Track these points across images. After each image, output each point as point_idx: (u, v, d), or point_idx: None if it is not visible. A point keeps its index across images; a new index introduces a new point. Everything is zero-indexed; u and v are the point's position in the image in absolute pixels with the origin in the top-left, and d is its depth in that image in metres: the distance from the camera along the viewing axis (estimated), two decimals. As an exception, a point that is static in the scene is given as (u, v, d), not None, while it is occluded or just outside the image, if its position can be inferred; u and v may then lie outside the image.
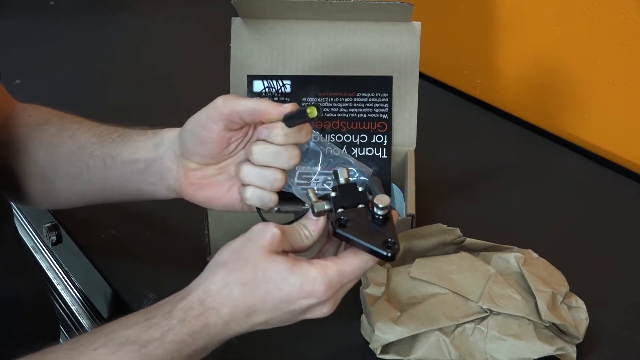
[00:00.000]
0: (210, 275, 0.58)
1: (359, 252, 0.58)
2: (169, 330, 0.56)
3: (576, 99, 1.17)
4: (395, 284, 0.78)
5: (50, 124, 0.77)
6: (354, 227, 0.58)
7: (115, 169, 0.72)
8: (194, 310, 0.56)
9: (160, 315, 0.57)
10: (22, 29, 1.61)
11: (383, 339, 0.72)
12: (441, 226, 0.80)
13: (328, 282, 0.57)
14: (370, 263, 0.59)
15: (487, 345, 0.72)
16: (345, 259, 0.58)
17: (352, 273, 0.58)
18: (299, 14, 0.94)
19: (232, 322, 0.57)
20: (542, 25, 1.19)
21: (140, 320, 0.57)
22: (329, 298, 0.58)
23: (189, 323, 0.56)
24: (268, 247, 0.57)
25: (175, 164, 0.69)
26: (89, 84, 1.39)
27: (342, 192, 0.61)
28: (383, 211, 0.59)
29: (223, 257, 0.59)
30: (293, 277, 0.56)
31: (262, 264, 0.57)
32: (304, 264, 0.57)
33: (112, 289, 0.87)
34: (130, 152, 0.72)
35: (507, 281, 0.76)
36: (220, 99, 0.65)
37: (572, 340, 0.74)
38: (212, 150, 0.67)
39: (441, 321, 0.73)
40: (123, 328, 0.56)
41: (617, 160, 1.11)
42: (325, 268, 0.57)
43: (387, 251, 0.57)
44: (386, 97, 0.94)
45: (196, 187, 0.69)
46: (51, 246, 1.01)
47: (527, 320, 0.73)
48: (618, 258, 0.90)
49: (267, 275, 0.57)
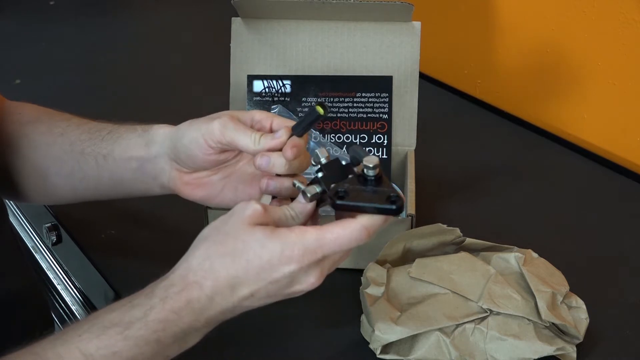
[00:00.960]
0: (191, 252, 0.58)
1: (345, 223, 0.57)
2: (151, 309, 0.56)
3: (576, 99, 1.17)
4: (395, 284, 0.78)
5: (40, 122, 0.77)
6: (353, 195, 0.58)
7: (107, 167, 0.73)
8: (175, 287, 0.56)
9: (143, 296, 0.57)
10: (22, 29, 1.61)
11: (383, 339, 0.72)
12: (441, 226, 0.80)
13: (307, 247, 0.56)
14: (354, 234, 0.57)
15: (487, 345, 0.72)
16: (328, 227, 0.57)
17: (334, 241, 0.56)
18: (299, 14, 0.94)
19: (216, 296, 0.57)
20: (542, 25, 1.19)
21: (123, 303, 0.57)
22: (311, 265, 0.57)
23: (171, 300, 0.56)
24: (248, 220, 0.57)
25: (169, 164, 0.70)
26: (89, 84, 1.39)
27: (328, 170, 0.60)
28: (374, 170, 0.58)
29: (204, 233, 0.59)
30: (272, 243, 0.56)
31: (241, 235, 0.57)
32: (283, 230, 0.57)
33: (112, 289, 0.87)
34: (121, 150, 0.72)
35: (507, 281, 0.76)
36: (218, 124, 0.65)
37: (572, 340, 0.74)
38: (206, 166, 0.68)
39: (441, 321, 0.73)
40: (106, 313, 0.56)
41: (617, 160, 1.11)
42: (304, 232, 0.56)
43: (393, 205, 0.56)
44: (386, 97, 0.94)
45: (191, 187, 0.70)
46: (51, 246, 1.01)
47: (527, 320, 0.73)
48: (618, 258, 0.90)
49: (246, 245, 0.56)
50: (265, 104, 0.95)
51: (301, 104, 0.94)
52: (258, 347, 0.76)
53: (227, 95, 0.96)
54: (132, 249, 0.92)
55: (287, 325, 0.78)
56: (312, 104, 0.63)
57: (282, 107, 0.93)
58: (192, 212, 0.84)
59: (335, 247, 0.57)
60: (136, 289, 0.83)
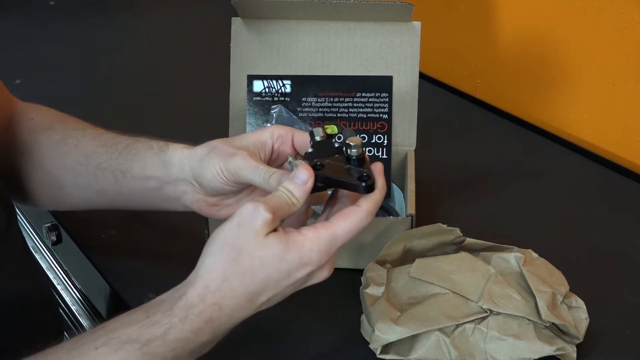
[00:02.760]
0: (207, 271, 0.57)
1: (348, 214, 0.59)
2: (171, 328, 0.56)
3: (576, 99, 1.17)
4: (395, 284, 0.78)
5: (53, 130, 0.77)
6: (329, 169, 0.60)
7: (126, 183, 0.73)
8: (195, 308, 0.56)
9: (161, 313, 0.56)
10: (22, 29, 1.61)
11: (383, 339, 0.72)
12: (441, 226, 0.80)
13: (323, 249, 0.57)
14: (362, 221, 0.59)
15: (487, 345, 0.72)
16: (337, 222, 0.58)
17: (345, 235, 0.58)
18: (299, 14, 0.94)
19: (235, 312, 0.57)
20: (542, 25, 1.19)
21: (141, 317, 0.56)
22: (326, 263, 0.58)
23: (191, 321, 0.56)
24: (261, 232, 0.57)
25: (191, 187, 0.70)
26: (89, 84, 1.39)
27: (318, 148, 0.63)
28: (356, 150, 0.60)
29: (214, 248, 0.58)
30: (290, 254, 0.57)
31: (258, 251, 0.56)
32: (297, 237, 0.57)
33: (112, 289, 0.87)
34: (140, 169, 0.72)
35: (507, 281, 0.76)
36: (234, 165, 0.64)
37: (572, 340, 0.74)
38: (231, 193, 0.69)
39: (441, 321, 0.73)
40: (124, 326, 0.56)
41: (617, 160, 1.11)
42: (318, 235, 0.57)
43: (363, 182, 0.59)
44: (386, 97, 0.94)
45: (217, 207, 0.70)
46: (51, 246, 1.01)
47: (527, 320, 0.73)
48: (618, 258, 0.90)
49: (264, 261, 0.57)
50: (265, 104, 0.95)
51: (301, 104, 0.94)
52: (257, 346, 0.76)
53: (227, 95, 0.96)
54: (132, 249, 0.92)
55: (286, 325, 0.78)
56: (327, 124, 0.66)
57: (282, 107, 0.93)
58: (192, 213, 0.84)
59: (346, 239, 0.58)
60: (136, 289, 0.84)
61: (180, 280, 0.72)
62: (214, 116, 0.99)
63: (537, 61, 1.22)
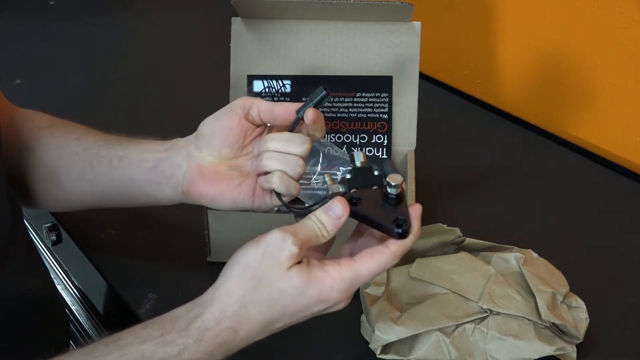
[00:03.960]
0: (225, 295, 0.57)
1: (374, 254, 0.58)
2: (185, 349, 0.56)
3: (576, 99, 1.17)
4: (395, 284, 0.78)
5: (54, 128, 0.78)
6: (366, 205, 0.59)
7: (120, 169, 0.73)
8: (210, 331, 0.56)
9: (175, 332, 0.56)
10: (22, 29, 1.61)
11: (383, 339, 0.72)
12: (441, 226, 0.80)
13: (343, 289, 0.57)
14: (387, 264, 0.58)
15: (487, 345, 0.72)
16: (362, 262, 0.57)
17: (367, 276, 0.58)
18: (299, 14, 0.94)
19: (249, 336, 0.58)
20: (542, 25, 1.19)
21: (155, 335, 0.56)
22: (346, 298, 0.58)
23: (206, 343, 0.56)
24: (285, 265, 0.56)
25: (187, 160, 0.70)
26: (89, 84, 1.39)
27: (357, 175, 0.61)
28: (396, 189, 0.59)
29: (235, 272, 0.58)
30: (310, 290, 0.57)
31: (278, 283, 0.56)
32: (319, 273, 0.57)
33: (112, 289, 0.87)
34: (139, 153, 0.73)
35: (507, 281, 0.76)
36: (243, 97, 0.69)
37: (572, 340, 0.74)
38: (229, 138, 0.68)
39: (441, 321, 0.73)
40: (137, 342, 0.56)
41: (617, 160, 1.11)
42: (340, 274, 0.57)
43: (399, 228, 0.57)
44: (386, 97, 0.94)
45: (208, 180, 0.69)
46: (51, 246, 1.01)
47: (527, 320, 0.73)
48: (618, 258, 0.90)
49: (283, 293, 0.57)
50: (265, 104, 0.95)
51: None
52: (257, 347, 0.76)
53: (227, 95, 0.96)
54: (132, 249, 0.92)
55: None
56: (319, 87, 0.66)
57: (282, 107, 0.93)
58: (192, 213, 0.84)
59: (368, 279, 0.58)
60: (136, 289, 0.84)
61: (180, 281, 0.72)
62: (214, 116, 0.99)
63: (537, 61, 1.21)
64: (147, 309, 0.81)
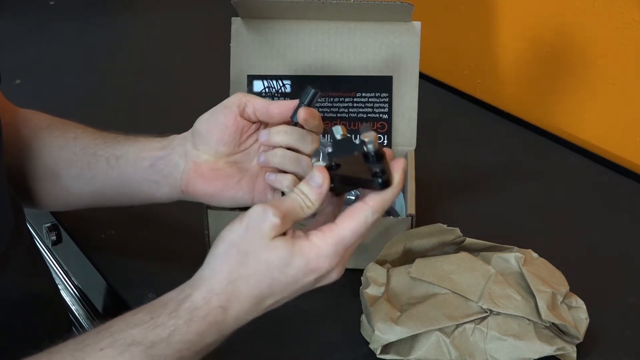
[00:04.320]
0: (212, 274, 0.57)
1: (353, 212, 0.57)
2: (176, 331, 0.55)
3: (576, 99, 1.17)
4: (395, 284, 0.78)
5: (53, 128, 0.78)
6: (345, 168, 0.59)
7: (118, 168, 0.73)
8: (200, 311, 0.56)
9: (166, 315, 0.56)
10: (22, 29, 1.61)
11: (383, 339, 0.72)
12: (441, 226, 0.80)
13: (330, 254, 0.57)
14: (368, 219, 0.57)
15: (487, 345, 0.72)
16: (342, 223, 0.57)
17: (351, 236, 0.57)
18: (299, 14, 0.94)
19: (241, 315, 0.57)
20: (542, 26, 1.19)
21: (146, 318, 0.56)
22: (336, 265, 0.58)
23: (196, 323, 0.56)
24: (267, 236, 0.56)
25: (184, 158, 0.70)
26: (89, 84, 1.39)
27: (338, 147, 0.61)
28: (371, 145, 0.58)
29: (220, 250, 0.58)
30: (297, 260, 0.56)
31: (263, 254, 0.56)
32: (304, 242, 0.57)
33: (112, 289, 0.87)
34: (136, 151, 0.73)
35: (507, 281, 0.76)
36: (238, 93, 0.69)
37: (572, 340, 0.74)
38: (225, 136, 0.68)
39: (441, 321, 0.73)
40: (129, 327, 0.56)
41: (617, 160, 1.11)
42: (324, 240, 0.57)
43: (377, 178, 0.57)
44: (386, 97, 0.94)
45: (205, 178, 0.69)
46: (51, 246, 1.01)
47: (527, 320, 0.73)
48: (618, 258, 0.90)
49: (270, 264, 0.56)
50: (265, 104, 0.95)
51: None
52: (257, 346, 0.76)
53: (227, 95, 0.96)
54: (132, 249, 0.92)
55: (286, 325, 0.78)
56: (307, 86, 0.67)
57: (282, 107, 0.93)
58: (192, 212, 0.84)
59: (353, 239, 0.58)
60: (136, 289, 0.84)
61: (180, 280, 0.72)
62: (214, 116, 0.99)
63: (537, 61, 1.22)
64: (147, 309, 0.81)
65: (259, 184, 0.70)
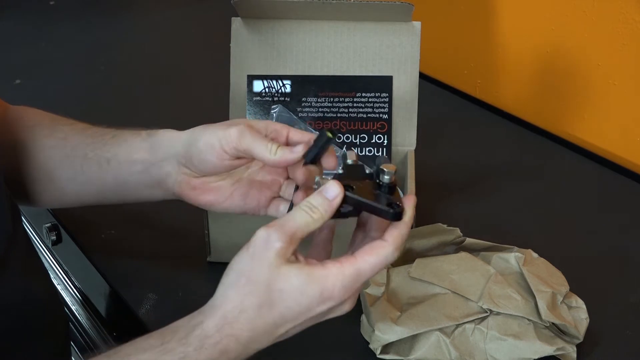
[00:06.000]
0: (224, 302, 0.56)
1: (374, 248, 0.57)
2: (185, 358, 0.55)
3: (576, 99, 1.17)
4: (395, 284, 0.78)
5: (42, 126, 0.77)
6: (359, 192, 0.58)
7: (110, 171, 0.73)
8: (211, 339, 0.55)
9: (176, 341, 0.56)
10: (22, 29, 1.61)
11: (383, 339, 0.72)
12: (441, 226, 0.80)
13: (346, 286, 0.56)
14: (388, 257, 0.57)
15: (487, 345, 0.72)
16: (363, 257, 0.56)
17: (370, 271, 0.57)
18: (299, 14, 0.94)
19: (251, 344, 0.57)
20: (542, 25, 1.19)
21: (155, 344, 0.56)
22: (349, 297, 0.57)
23: (207, 351, 0.55)
24: (275, 264, 0.55)
25: (176, 168, 0.69)
26: (89, 84, 1.39)
27: (349, 171, 0.61)
28: (389, 177, 0.58)
29: (231, 280, 0.57)
30: (311, 289, 0.55)
31: (275, 284, 0.55)
32: (319, 271, 0.56)
33: (112, 289, 0.87)
34: (126, 154, 0.72)
35: (507, 281, 0.76)
36: (236, 130, 0.64)
37: (572, 340, 0.74)
38: (217, 171, 0.68)
39: (441, 321, 0.73)
40: (138, 352, 0.55)
41: (617, 160, 1.11)
42: (342, 271, 0.56)
43: (391, 209, 0.57)
44: (386, 97, 0.94)
45: (198, 192, 0.69)
46: (51, 246, 1.01)
47: (527, 320, 0.73)
48: (618, 258, 0.90)
49: (283, 293, 0.55)
50: (265, 104, 0.95)
51: (301, 104, 0.94)
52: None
53: (227, 95, 0.96)
54: (132, 249, 0.92)
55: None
56: (322, 129, 0.64)
57: (282, 107, 0.93)
58: (192, 213, 0.84)
59: (371, 274, 0.57)
60: (136, 289, 0.84)
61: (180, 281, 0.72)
62: (214, 116, 0.99)
63: (537, 61, 1.22)
64: (147, 309, 0.81)
65: (251, 197, 0.69)
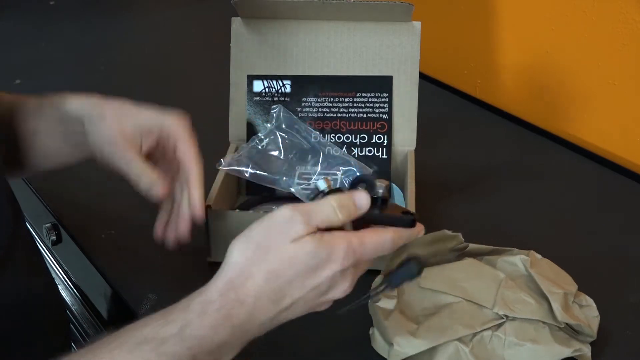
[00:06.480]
0: (230, 269, 0.56)
1: (378, 231, 0.59)
2: (187, 325, 0.54)
3: (576, 99, 1.17)
4: (407, 295, 0.76)
5: None
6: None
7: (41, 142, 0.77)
8: (214, 304, 0.54)
9: (177, 311, 0.55)
10: (22, 29, 1.61)
11: (402, 354, 0.70)
12: (445, 233, 0.79)
13: (351, 251, 0.56)
14: (387, 244, 0.59)
15: (506, 352, 0.71)
16: (366, 233, 0.58)
17: (372, 249, 0.58)
18: (299, 14, 0.94)
19: (256, 312, 0.55)
20: (542, 25, 1.19)
21: (157, 317, 0.55)
22: (348, 268, 0.57)
23: (210, 316, 0.54)
24: (291, 238, 0.55)
25: None
26: (89, 84, 1.38)
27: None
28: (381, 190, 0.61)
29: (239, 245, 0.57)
30: (320, 251, 0.56)
31: (288, 252, 0.55)
32: (328, 235, 0.56)
33: (112, 289, 0.87)
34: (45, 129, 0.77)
35: (517, 285, 0.75)
36: (119, 152, 0.73)
37: (585, 339, 0.73)
38: None
39: (459, 331, 0.71)
40: (140, 327, 0.55)
41: (617, 160, 1.11)
42: (349, 236, 0.57)
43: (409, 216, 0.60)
44: (386, 97, 0.94)
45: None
46: (51, 246, 1.01)
47: (542, 324, 0.72)
48: (618, 258, 0.90)
49: (294, 259, 0.55)
50: (265, 104, 0.95)
51: (301, 104, 0.94)
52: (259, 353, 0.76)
53: (227, 95, 0.96)
54: (132, 249, 0.92)
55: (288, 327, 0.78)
56: (409, 262, 0.64)
57: (282, 107, 0.93)
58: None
59: (371, 253, 0.58)
60: (136, 289, 0.84)
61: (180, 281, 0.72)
62: (214, 116, 0.99)
63: (537, 61, 1.22)
64: (147, 309, 0.81)
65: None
